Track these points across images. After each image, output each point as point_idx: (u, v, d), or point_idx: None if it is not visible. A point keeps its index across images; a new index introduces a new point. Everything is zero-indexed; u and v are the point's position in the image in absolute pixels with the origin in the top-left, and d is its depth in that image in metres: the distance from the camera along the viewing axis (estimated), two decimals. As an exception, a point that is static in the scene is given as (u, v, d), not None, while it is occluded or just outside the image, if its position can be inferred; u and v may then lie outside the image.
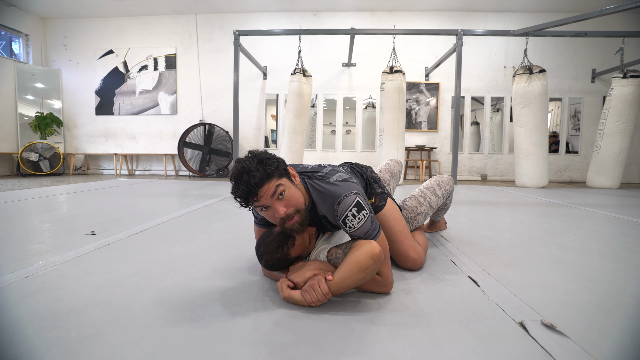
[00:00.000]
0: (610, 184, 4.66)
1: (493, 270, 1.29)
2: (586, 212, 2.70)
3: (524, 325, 0.86)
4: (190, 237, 1.70)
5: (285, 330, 0.81)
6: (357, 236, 1.00)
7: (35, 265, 1.23)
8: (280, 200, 0.95)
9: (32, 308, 0.90)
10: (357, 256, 0.91)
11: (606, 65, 5.89)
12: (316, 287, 0.89)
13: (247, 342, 0.76)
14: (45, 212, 2.33)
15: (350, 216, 0.97)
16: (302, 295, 0.90)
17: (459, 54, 4.75)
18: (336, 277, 0.90)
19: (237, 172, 0.93)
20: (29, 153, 5.75)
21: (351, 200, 0.98)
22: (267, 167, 0.93)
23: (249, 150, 1.00)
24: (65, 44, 6.57)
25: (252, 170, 0.91)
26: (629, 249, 1.61)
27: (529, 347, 0.77)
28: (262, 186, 0.92)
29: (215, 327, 0.82)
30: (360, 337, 0.79)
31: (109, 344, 0.74)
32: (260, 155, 0.97)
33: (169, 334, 0.78)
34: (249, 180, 0.90)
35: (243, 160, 0.96)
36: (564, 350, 0.75)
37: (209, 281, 1.12)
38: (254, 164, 0.93)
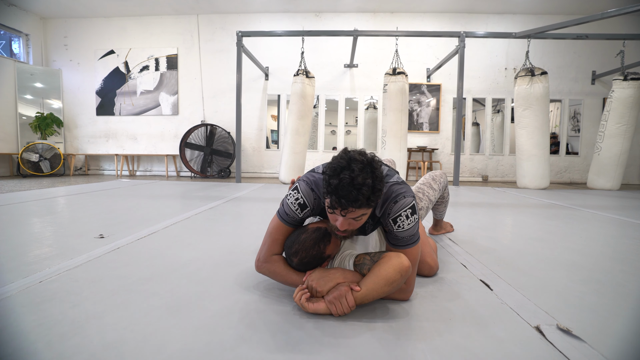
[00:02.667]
0: (611, 185, 4.69)
1: (504, 273, 1.30)
2: (589, 214, 2.71)
3: (540, 329, 0.87)
4: (199, 241, 1.70)
5: (307, 337, 0.82)
6: (400, 237, 0.99)
7: (47, 270, 1.23)
8: (354, 221, 0.91)
9: (51, 314, 0.90)
10: (385, 270, 0.91)
11: (606, 68, 5.93)
12: (343, 299, 0.88)
13: (271, 347, 0.76)
14: (49, 214, 2.32)
15: (403, 216, 0.97)
16: (328, 306, 0.89)
17: (461, 55, 4.77)
18: (363, 289, 0.90)
19: (349, 182, 0.83)
20: (29, 153, 5.73)
21: (408, 201, 0.99)
22: (375, 196, 0.87)
23: (363, 153, 0.89)
24: (65, 44, 6.55)
25: (363, 193, 0.83)
26: (634, 252, 1.63)
27: (547, 351, 0.77)
28: (359, 209, 0.87)
29: (236, 334, 0.82)
30: (380, 342, 0.79)
31: (131, 351, 0.74)
32: (376, 176, 0.86)
33: (191, 340, 0.79)
34: (352, 200, 0.84)
35: (361, 170, 0.85)
36: (582, 355, 0.76)
37: (224, 287, 1.12)
38: (368, 185, 0.84)
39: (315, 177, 1.06)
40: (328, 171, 0.88)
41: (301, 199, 1.03)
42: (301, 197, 1.03)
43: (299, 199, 1.03)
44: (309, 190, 1.03)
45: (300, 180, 1.07)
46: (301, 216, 1.05)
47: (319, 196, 1.04)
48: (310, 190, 1.03)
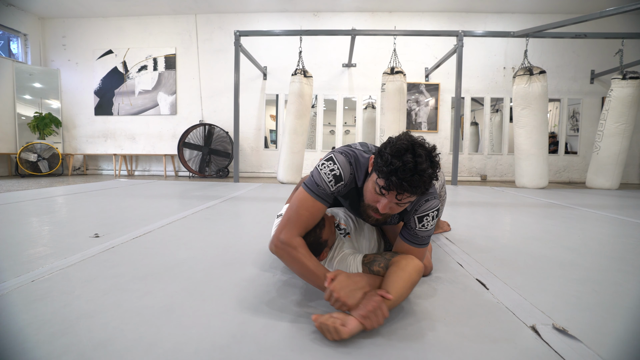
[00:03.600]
0: (610, 184, 4.68)
1: (500, 272, 1.29)
2: (587, 213, 2.71)
3: (535, 329, 0.86)
4: (195, 240, 1.69)
5: (300, 335, 0.81)
6: (421, 236, 0.99)
7: (40, 269, 1.22)
8: (400, 207, 0.89)
9: (41, 313, 0.89)
10: (410, 274, 0.90)
11: (605, 67, 5.92)
12: (378, 312, 0.79)
13: (262, 347, 0.75)
14: (46, 214, 2.31)
15: (430, 217, 0.97)
16: (363, 322, 0.78)
17: (459, 55, 4.76)
18: (393, 295, 0.84)
19: (413, 167, 0.80)
20: (27, 153, 5.71)
21: (436, 203, 0.98)
22: (429, 185, 0.85)
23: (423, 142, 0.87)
24: (64, 44, 6.53)
25: (425, 180, 0.82)
26: (632, 251, 1.62)
27: (542, 351, 0.77)
28: (413, 195, 0.85)
29: (226, 332, 0.81)
30: (372, 340, 0.79)
31: (121, 350, 0.73)
32: (436, 166, 0.85)
33: (182, 339, 0.78)
34: (413, 186, 0.81)
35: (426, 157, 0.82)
36: (579, 356, 0.75)
37: (217, 286, 1.11)
38: (429, 175, 0.83)
39: (355, 152, 0.99)
40: (389, 150, 0.84)
41: (338, 170, 0.94)
42: (338, 169, 0.94)
43: (335, 170, 0.94)
44: (347, 164, 0.96)
45: (335, 152, 0.99)
46: (333, 189, 0.95)
47: (355, 173, 0.98)
48: (349, 163, 0.96)
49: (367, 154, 1.01)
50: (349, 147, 1.02)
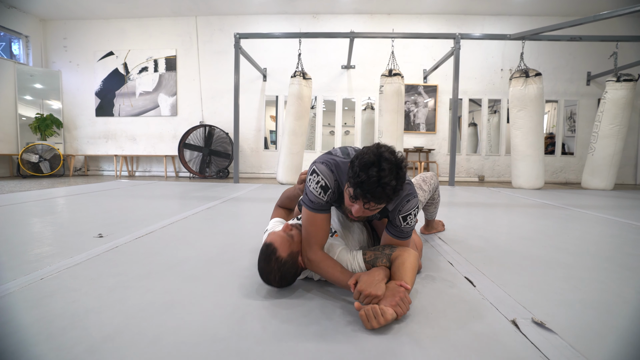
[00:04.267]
0: (605, 185, 4.74)
1: (489, 270, 1.34)
2: (579, 213, 2.77)
3: (515, 323, 0.92)
4: (196, 240, 1.75)
5: (294, 329, 0.86)
6: (405, 231, 1.10)
7: (48, 268, 1.28)
8: (367, 210, 0.96)
9: (52, 308, 0.95)
10: (412, 262, 1.02)
11: (601, 69, 5.98)
12: (405, 300, 0.90)
13: (259, 339, 0.81)
14: (49, 214, 2.37)
15: (412, 215, 1.07)
16: (395, 310, 0.88)
17: (456, 57, 4.82)
18: (410, 285, 0.96)
19: (376, 180, 0.87)
20: (29, 154, 5.77)
21: (416, 202, 1.08)
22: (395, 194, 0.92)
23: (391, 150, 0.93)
24: (65, 46, 6.59)
25: (387, 192, 0.89)
26: (618, 250, 1.68)
27: (519, 342, 0.82)
28: (380, 204, 0.93)
29: (226, 325, 0.87)
30: (361, 338, 0.84)
31: (127, 342, 0.79)
32: (402, 177, 0.91)
33: (185, 332, 0.83)
34: (377, 196, 0.89)
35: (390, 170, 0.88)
36: (551, 346, 0.81)
37: (217, 283, 1.17)
38: (393, 186, 0.89)
39: (336, 160, 1.07)
40: (357, 163, 0.91)
41: (322, 180, 1.03)
42: (322, 179, 1.03)
43: (320, 181, 1.03)
44: (329, 172, 1.05)
45: (317, 162, 1.07)
46: (326, 199, 1.04)
47: (339, 179, 1.05)
48: (330, 171, 1.05)
49: (347, 159, 1.09)
50: (329, 155, 1.11)
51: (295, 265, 1.07)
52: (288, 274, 1.04)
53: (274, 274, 1.03)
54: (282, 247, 1.04)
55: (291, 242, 1.07)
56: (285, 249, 1.04)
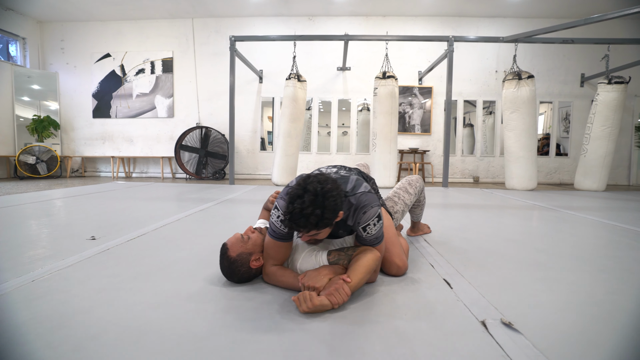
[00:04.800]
0: (597, 186, 4.79)
1: (468, 272, 1.39)
2: (568, 215, 2.81)
3: (485, 323, 0.96)
4: (188, 241, 1.79)
5: (280, 331, 0.91)
6: (368, 240, 1.16)
7: (40, 270, 1.32)
8: (313, 237, 1.08)
9: (42, 309, 0.99)
10: (367, 261, 1.10)
11: (594, 70, 6.04)
12: (340, 290, 0.99)
13: (237, 339, 0.85)
14: (45, 216, 2.40)
15: (371, 225, 1.13)
16: (329, 298, 0.98)
17: (450, 59, 4.87)
18: (353, 279, 1.04)
19: (299, 212, 0.97)
20: (26, 156, 5.80)
21: (375, 211, 1.14)
22: (323, 223, 0.99)
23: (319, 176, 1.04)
24: (62, 47, 6.63)
25: (311, 221, 0.98)
26: (598, 252, 1.73)
27: (486, 342, 0.87)
28: (309, 232, 1.03)
29: (207, 325, 0.91)
30: (335, 335, 0.89)
31: (112, 341, 0.83)
32: (328, 201, 0.98)
33: (167, 332, 0.88)
34: (302, 225, 0.99)
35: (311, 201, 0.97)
36: (515, 345, 0.85)
37: (203, 286, 1.21)
38: (316, 212, 0.97)
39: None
40: (286, 197, 1.04)
41: (282, 215, 1.13)
42: (282, 214, 1.13)
43: (280, 216, 1.13)
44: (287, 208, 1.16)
45: (279, 197, 1.18)
46: (286, 230, 1.14)
47: None
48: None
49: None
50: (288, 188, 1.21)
51: (245, 265, 1.16)
52: (238, 271, 1.16)
53: (225, 270, 1.18)
54: (232, 247, 1.17)
55: (243, 243, 1.18)
56: (235, 250, 1.16)
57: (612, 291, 1.21)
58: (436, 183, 5.91)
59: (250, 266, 1.18)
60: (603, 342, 0.88)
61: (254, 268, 1.19)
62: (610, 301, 1.12)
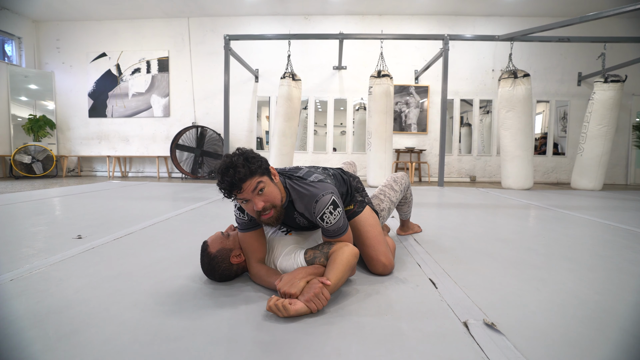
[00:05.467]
0: (593, 185, 4.78)
1: (455, 272, 1.37)
2: (562, 214, 2.80)
3: (466, 324, 0.94)
4: (173, 241, 1.77)
5: (256, 332, 0.89)
6: (332, 230, 1.14)
7: (20, 269, 1.30)
8: (259, 195, 1.05)
9: (16, 309, 0.97)
10: (346, 258, 1.07)
11: (591, 69, 6.03)
12: (320, 295, 0.95)
13: (212, 339, 0.83)
14: (36, 215, 2.39)
15: (327, 213, 1.11)
16: (307, 305, 0.94)
17: (445, 58, 4.85)
18: (333, 280, 1.01)
19: (224, 166, 1.01)
20: (21, 155, 5.78)
21: (327, 199, 1.12)
22: (252, 164, 1.03)
23: (237, 148, 1.09)
24: (58, 47, 6.60)
25: (238, 166, 1.00)
26: (589, 252, 1.71)
27: (466, 343, 0.85)
28: (245, 181, 1.01)
29: (182, 326, 0.89)
30: (312, 336, 0.87)
31: (84, 341, 0.81)
32: (247, 153, 1.06)
33: (141, 332, 0.86)
34: (234, 174, 0.99)
35: (231, 155, 1.04)
36: (496, 347, 0.83)
37: (183, 284, 1.19)
38: (240, 160, 1.02)
39: None
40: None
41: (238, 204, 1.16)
42: (237, 204, 1.17)
43: (236, 204, 1.17)
44: None
45: None
46: (247, 217, 1.16)
47: None
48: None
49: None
50: None
51: (225, 261, 1.15)
52: (218, 267, 1.15)
53: (205, 267, 1.17)
54: (213, 244, 1.17)
55: (223, 240, 1.18)
56: (215, 246, 1.16)
57: (599, 291, 1.19)
58: (432, 182, 5.89)
59: (231, 262, 1.16)
60: (586, 344, 0.86)
61: (234, 264, 1.17)
62: (596, 301, 1.11)
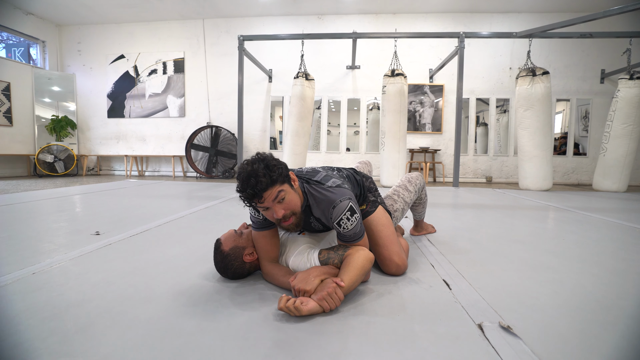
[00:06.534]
0: (617, 187, 4.59)
1: (469, 274, 1.34)
2: (583, 216, 2.69)
3: (481, 326, 0.92)
4: (187, 238, 1.80)
5: (268, 330, 0.89)
6: (348, 236, 1.14)
7: (42, 263, 1.35)
8: (280, 203, 1.04)
9: (37, 301, 1.00)
10: (361, 262, 1.06)
11: (616, 66, 5.79)
12: (333, 294, 0.95)
13: (224, 335, 0.84)
14: (58, 212, 2.47)
15: (344, 219, 1.11)
16: (320, 304, 0.94)
17: (460, 56, 4.76)
18: (346, 282, 1.00)
19: (246, 175, 1.00)
20: (44, 155, 6.01)
21: (345, 205, 1.11)
22: (273, 173, 1.01)
23: (257, 152, 1.07)
24: (79, 50, 6.83)
25: (259, 175, 0.99)
26: (611, 255, 1.64)
27: (480, 346, 0.83)
28: (266, 191, 1.01)
29: (195, 322, 0.90)
30: (323, 335, 0.86)
31: (99, 334, 0.83)
32: (267, 159, 1.04)
33: (154, 327, 0.87)
34: (255, 184, 0.99)
35: (251, 162, 1.03)
36: (512, 350, 0.81)
37: (199, 280, 1.21)
38: (261, 168, 1.00)
39: None
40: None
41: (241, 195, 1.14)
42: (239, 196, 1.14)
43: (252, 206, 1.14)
44: None
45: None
46: (263, 217, 1.15)
47: None
48: None
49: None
50: None
51: (238, 259, 1.15)
52: (231, 265, 1.16)
53: (218, 265, 1.18)
54: (226, 242, 1.18)
55: (237, 238, 1.18)
56: (228, 244, 1.17)
57: (623, 296, 1.14)
58: (447, 183, 5.79)
59: (244, 260, 1.17)
60: (608, 351, 0.82)
61: (247, 262, 1.18)
62: (619, 307, 1.06)
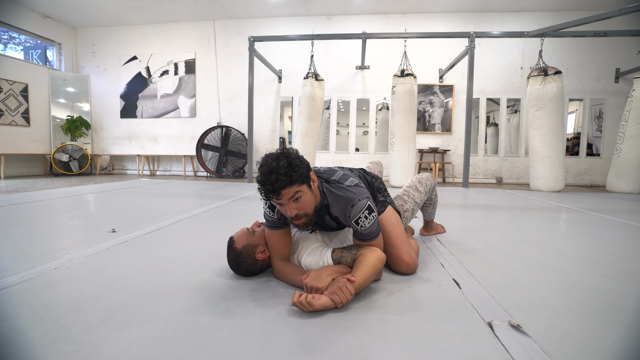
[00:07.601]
0: (632, 188, 4.49)
1: (479, 273, 1.34)
2: (595, 217, 2.65)
3: (491, 325, 0.93)
4: (200, 236, 1.84)
5: (283, 326, 0.92)
6: (364, 234, 1.15)
7: (62, 259, 1.40)
8: (295, 202, 1.06)
9: (59, 295, 1.05)
10: (373, 261, 1.08)
11: (631, 65, 5.66)
12: (344, 288, 0.98)
13: (237, 330, 0.87)
14: (73, 210, 2.55)
15: (362, 217, 1.13)
16: (331, 297, 0.96)
17: (471, 56, 4.72)
18: (358, 278, 1.02)
19: (268, 170, 1.00)
20: (60, 154, 6.17)
21: (364, 204, 1.13)
22: (294, 172, 1.01)
23: (282, 148, 1.07)
24: (93, 51, 6.99)
25: (280, 173, 0.99)
26: (623, 256, 1.62)
27: (490, 344, 0.84)
28: (284, 189, 1.02)
29: (209, 316, 0.94)
30: (335, 331, 0.88)
31: (120, 326, 0.87)
32: (291, 157, 1.04)
33: (171, 320, 0.91)
34: (275, 181, 1.00)
35: (275, 158, 1.02)
36: (522, 348, 0.81)
37: (212, 277, 1.24)
38: (283, 165, 1.00)
39: None
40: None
41: (268, 202, 1.16)
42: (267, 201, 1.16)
43: (266, 202, 1.17)
44: None
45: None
46: (276, 216, 1.17)
47: None
48: None
49: None
50: None
51: (250, 257, 1.18)
52: (244, 263, 1.19)
53: (231, 262, 1.21)
54: (239, 240, 1.20)
55: (249, 236, 1.21)
56: (241, 242, 1.20)
57: (635, 297, 1.13)
58: (457, 183, 5.75)
59: (256, 258, 1.20)
60: (617, 350, 0.82)
61: (259, 260, 1.21)
62: (631, 307, 1.05)
